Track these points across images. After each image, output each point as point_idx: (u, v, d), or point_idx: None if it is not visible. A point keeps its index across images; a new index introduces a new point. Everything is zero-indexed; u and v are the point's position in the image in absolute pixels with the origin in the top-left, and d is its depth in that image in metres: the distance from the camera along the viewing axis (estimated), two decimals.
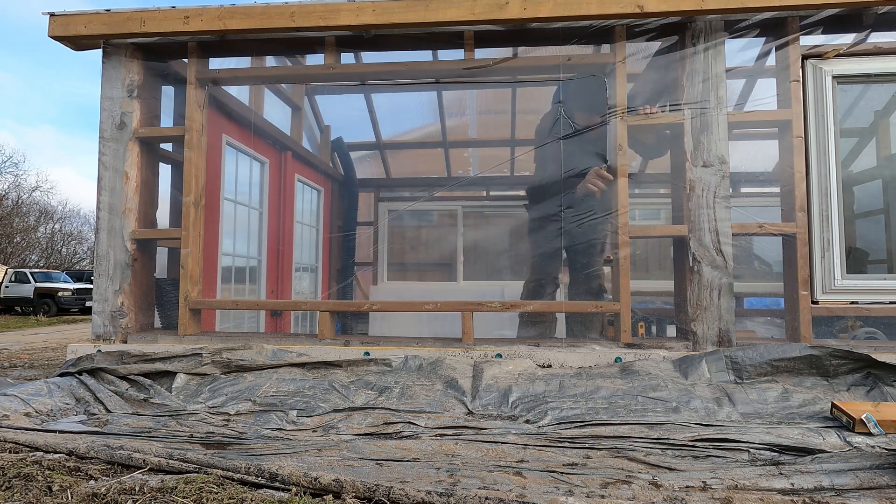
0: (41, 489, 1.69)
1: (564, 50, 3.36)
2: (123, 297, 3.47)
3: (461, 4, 3.15)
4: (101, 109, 3.54)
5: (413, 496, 1.58)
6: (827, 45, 3.17)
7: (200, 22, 3.31)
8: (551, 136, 3.86)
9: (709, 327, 3.07)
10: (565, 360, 3.08)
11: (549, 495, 1.59)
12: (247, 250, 5.12)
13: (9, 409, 2.50)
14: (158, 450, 1.92)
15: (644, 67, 3.57)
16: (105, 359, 3.01)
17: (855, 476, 1.72)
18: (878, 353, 2.77)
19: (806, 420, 2.33)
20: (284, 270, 5.54)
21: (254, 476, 1.73)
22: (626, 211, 3.19)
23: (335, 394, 2.73)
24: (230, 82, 4.02)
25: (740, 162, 4.23)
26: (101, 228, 3.50)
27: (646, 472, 1.80)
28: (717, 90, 3.14)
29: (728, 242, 3.07)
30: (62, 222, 31.00)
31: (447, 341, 3.32)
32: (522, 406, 2.57)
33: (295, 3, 3.27)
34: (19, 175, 35.38)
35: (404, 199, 7.18)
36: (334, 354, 3.12)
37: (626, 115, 3.22)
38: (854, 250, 4.05)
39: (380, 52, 3.58)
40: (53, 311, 15.33)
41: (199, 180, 3.54)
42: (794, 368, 2.72)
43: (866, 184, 4.45)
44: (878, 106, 4.29)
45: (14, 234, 26.66)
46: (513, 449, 2.08)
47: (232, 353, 3.05)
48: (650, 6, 3.04)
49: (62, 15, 3.44)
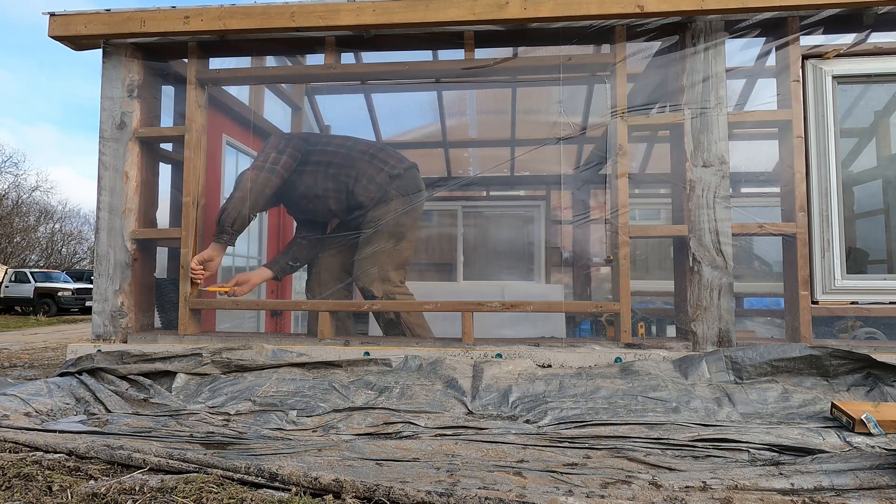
0: (41, 489, 1.69)
1: (564, 50, 3.36)
2: (123, 296, 3.47)
3: (461, 4, 3.15)
4: (102, 109, 3.54)
5: (413, 496, 1.58)
6: (827, 46, 3.17)
7: (200, 22, 3.31)
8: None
9: (709, 327, 3.07)
10: (565, 360, 3.08)
11: (549, 495, 1.59)
12: (247, 250, 5.12)
13: (9, 409, 2.50)
14: (158, 450, 1.92)
15: (644, 67, 3.57)
16: (105, 359, 3.01)
17: (855, 476, 1.72)
18: (878, 353, 2.77)
19: (806, 420, 2.33)
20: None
21: (254, 476, 1.73)
22: (626, 211, 3.19)
23: (335, 394, 2.73)
24: (230, 82, 4.02)
25: (740, 162, 4.23)
26: (101, 228, 3.50)
27: (646, 472, 1.80)
28: (717, 90, 3.14)
29: (728, 242, 3.07)
30: (62, 222, 30.99)
31: (447, 341, 3.32)
32: (522, 406, 2.57)
33: (295, 3, 3.27)
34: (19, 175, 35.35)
35: None
36: (334, 354, 3.12)
37: (626, 114, 3.22)
38: (854, 250, 4.05)
39: (380, 52, 3.58)
40: (53, 311, 15.31)
41: (199, 180, 3.54)
42: (794, 368, 2.72)
43: (866, 184, 4.45)
44: (878, 106, 4.29)
45: (14, 234, 26.66)
46: (513, 449, 2.08)
47: (232, 353, 3.05)
48: (650, 6, 3.04)
49: (62, 15, 3.44)
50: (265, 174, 3.68)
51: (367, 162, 3.77)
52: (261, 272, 3.94)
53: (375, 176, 3.73)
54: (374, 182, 3.72)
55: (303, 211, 3.97)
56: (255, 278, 3.87)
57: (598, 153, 3.76)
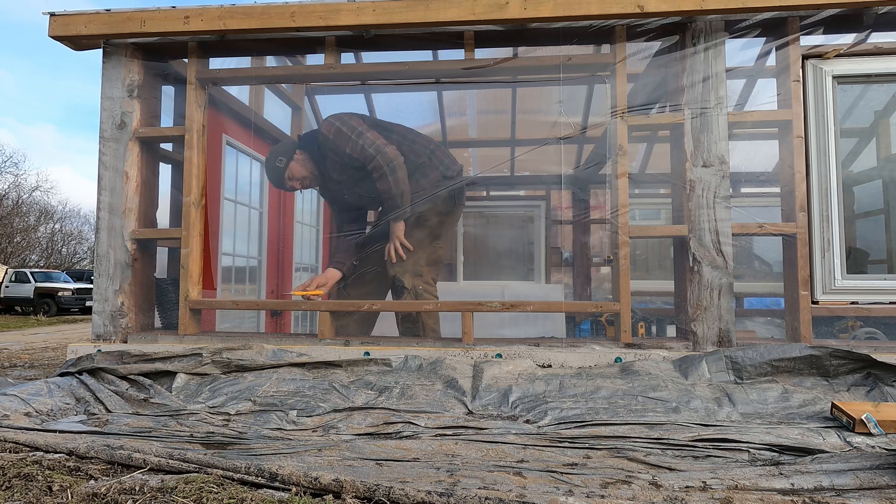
0: (41, 489, 1.69)
1: (565, 50, 3.36)
2: (123, 296, 3.47)
3: (461, 4, 3.15)
4: (102, 109, 3.54)
5: (413, 496, 1.58)
6: (827, 46, 3.17)
7: (200, 22, 3.31)
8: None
9: (709, 327, 3.07)
10: (565, 360, 3.08)
11: (549, 495, 1.59)
12: (247, 250, 5.12)
13: (9, 409, 2.50)
14: (158, 450, 1.92)
15: (644, 67, 3.57)
16: (105, 359, 3.01)
17: (855, 476, 1.72)
18: (878, 353, 2.77)
19: (806, 420, 2.33)
20: (284, 270, 5.54)
21: (254, 476, 1.73)
22: (626, 211, 3.19)
23: (335, 394, 2.73)
24: (230, 82, 4.01)
25: (740, 162, 4.23)
26: (102, 228, 3.50)
27: (646, 472, 1.80)
28: (717, 90, 3.14)
29: (728, 242, 3.07)
30: (62, 222, 31.00)
31: (447, 341, 3.32)
32: (522, 406, 2.57)
33: (295, 3, 3.27)
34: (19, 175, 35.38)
35: None
36: (334, 354, 3.12)
37: (626, 114, 3.22)
38: (854, 250, 4.06)
39: (380, 52, 3.58)
40: (53, 311, 15.32)
41: (199, 180, 3.54)
42: (795, 368, 2.72)
43: (866, 184, 4.46)
44: (878, 106, 4.30)
45: (14, 234, 26.66)
46: (513, 449, 2.08)
47: (232, 353, 3.05)
48: (650, 6, 3.04)
49: (62, 15, 3.44)
50: (393, 148, 3.62)
51: (426, 157, 3.77)
52: (334, 273, 3.85)
53: (430, 173, 3.75)
54: (427, 178, 3.73)
55: (350, 198, 3.89)
56: (331, 280, 3.82)
57: (598, 153, 3.78)
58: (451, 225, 3.90)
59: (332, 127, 3.66)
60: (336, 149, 3.66)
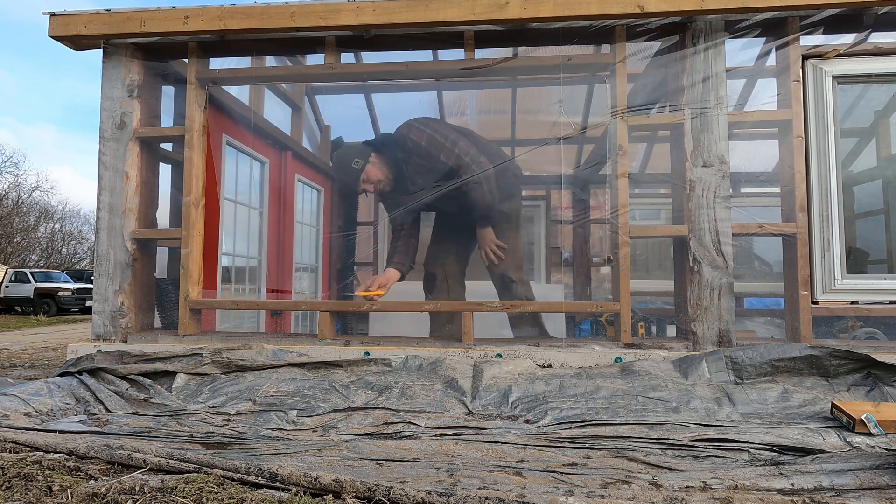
0: (41, 489, 1.69)
1: (565, 50, 3.36)
2: (123, 296, 3.47)
3: (461, 4, 3.15)
4: (102, 109, 3.54)
5: (413, 496, 1.58)
6: (827, 46, 3.17)
7: (200, 22, 3.31)
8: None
9: (709, 327, 3.07)
10: (565, 360, 3.08)
11: (549, 495, 1.59)
12: (247, 250, 5.12)
13: (9, 409, 2.50)
14: (158, 450, 1.92)
15: (644, 67, 3.57)
16: (105, 359, 3.01)
17: (855, 476, 1.72)
18: (878, 353, 2.77)
19: (806, 420, 2.33)
20: (284, 270, 5.54)
21: (254, 476, 1.73)
22: (626, 211, 3.19)
23: (335, 394, 2.73)
24: (230, 82, 4.01)
25: (740, 162, 4.23)
26: (101, 228, 3.50)
27: (646, 472, 1.80)
28: (717, 90, 3.14)
29: (728, 242, 3.07)
30: (62, 222, 31.01)
31: (447, 341, 3.32)
32: (522, 406, 2.57)
33: (295, 3, 3.27)
34: (19, 175, 35.39)
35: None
36: (334, 354, 3.12)
37: (626, 114, 3.22)
38: (854, 250, 4.06)
39: (380, 52, 3.58)
40: (53, 311, 15.32)
41: (199, 180, 3.54)
42: (795, 368, 2.72)
43: (866, 184, 4.46)
44: (878, 106, 4.30)
45: (14, 234, 26.67)
46: (513, 449, 2.08)
47: (232, 353, 3.05)
48: (650, 6, 3.04)
49: (62, 15, 3.44)
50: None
51: (499, 160, 3.85)
52: (393, 273, 3.83)
53: (508, 175, 3.86)
54: (506, 179, 3.83)
55: (426, 201, 3.90)
56: (390, 280, 3.81)
57: (598, 153, 3.80)
58: (519, 216, 4.07)
59: (424, 134, 3.68)
60: (427, 155, 3.67)
